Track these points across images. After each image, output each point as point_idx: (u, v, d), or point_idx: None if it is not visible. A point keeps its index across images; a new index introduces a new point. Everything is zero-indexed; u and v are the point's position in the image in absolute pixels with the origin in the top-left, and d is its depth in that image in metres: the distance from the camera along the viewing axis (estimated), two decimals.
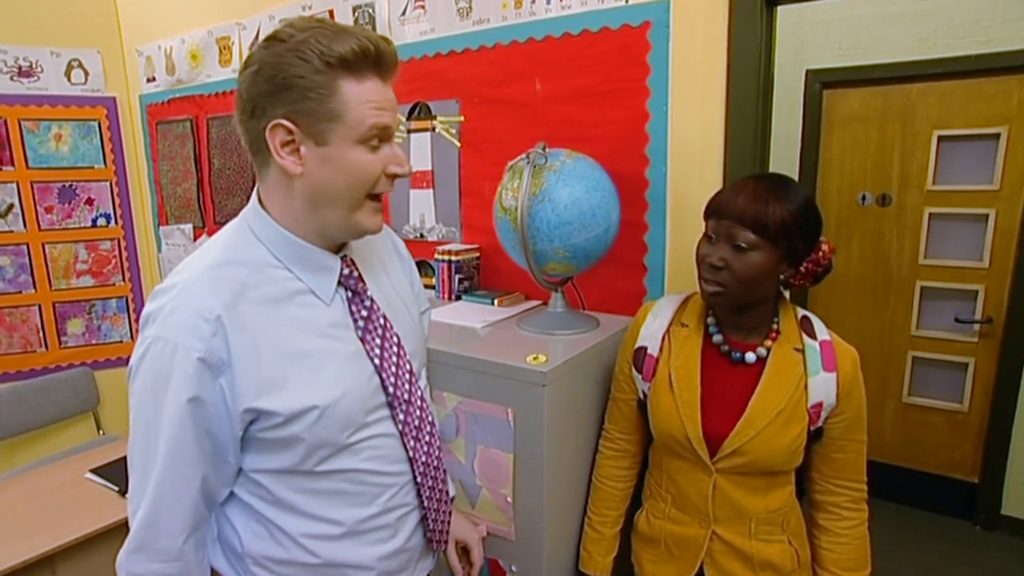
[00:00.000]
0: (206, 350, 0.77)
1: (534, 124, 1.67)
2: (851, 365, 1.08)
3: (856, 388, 1.08)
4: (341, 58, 0.75)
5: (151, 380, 0.79)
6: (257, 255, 0.85)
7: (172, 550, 0.84)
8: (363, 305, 0.92)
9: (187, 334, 0.77)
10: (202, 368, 0.78)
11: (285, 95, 0.76)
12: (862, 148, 2.79)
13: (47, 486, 1.88)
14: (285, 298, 0.85)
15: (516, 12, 1.66)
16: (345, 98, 0.76)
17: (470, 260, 1.78)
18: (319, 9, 2.05)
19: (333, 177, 0.80)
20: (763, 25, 1.37)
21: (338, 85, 0.76)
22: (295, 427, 0.83)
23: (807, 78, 2.84)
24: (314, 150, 0.78)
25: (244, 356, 0.80)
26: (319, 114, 0.76)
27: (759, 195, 1.00)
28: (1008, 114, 2.46)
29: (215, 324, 0.78)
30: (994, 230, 2.54)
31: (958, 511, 2.76)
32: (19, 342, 2.72)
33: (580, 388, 1.31)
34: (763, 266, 1.01)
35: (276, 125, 0.77)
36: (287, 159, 0.79)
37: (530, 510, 1.25)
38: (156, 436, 0.80)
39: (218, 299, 0.79)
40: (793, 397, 1.06)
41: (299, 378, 0.83)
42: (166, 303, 0.80)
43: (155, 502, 0.81)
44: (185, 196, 2.70)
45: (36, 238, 2.69)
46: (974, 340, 2.65)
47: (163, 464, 0.80)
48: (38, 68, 2.61)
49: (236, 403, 0.80)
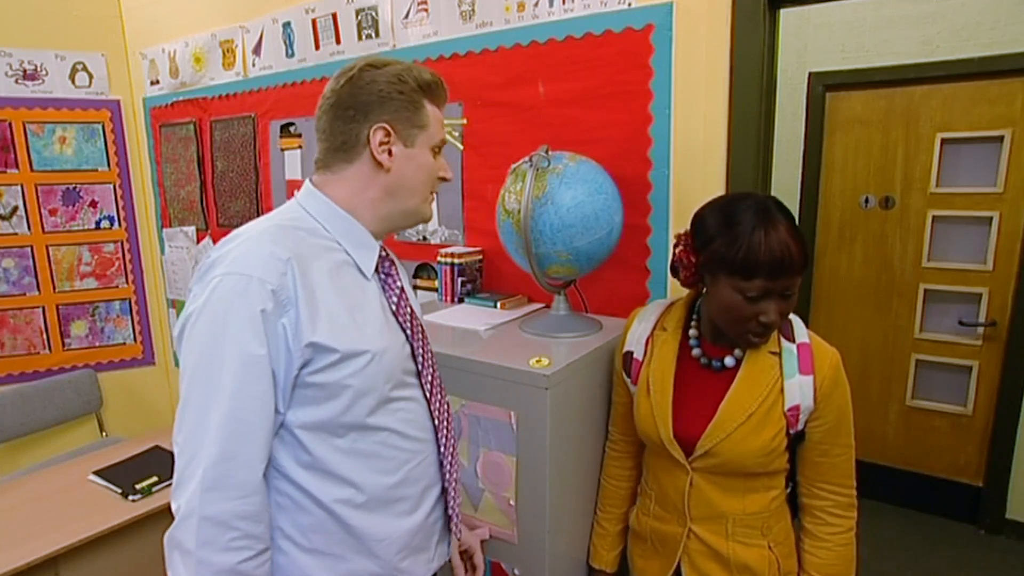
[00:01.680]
0: (279, 284, 0.84)
1: (537, 127, 1.67)
2: (830, 368, 1.05)
3: (837, 391, 1.06)
4: (427, 84, 0.98)
5: (222, 308, 0.82)
6: (311, 226, 0.95)
7: (252, 483, 0.83)
8: (394, 289, 1.03)
9: (261, 269, 0.83)
10: (274, 300, 0.83)
11: (388, 105, 0.94)
12: (865, 151, 2.78)
13: (50, 488, 1.88)
14: (336, 265, 0.94)
15: (519, 15, 1.66)
16: (428, 112, 0.98)
17: (473, 263, 1.78)
18: (323, 13, 2.06)
19: (415, 172, 0.99)
20: (766, 28, 1.37)
21: (424, 103, 0.98)
22: (346, 369, 0.89)
23: (810, 81, 2.84)
24: (403, 151, 0.97)
25: (308, 298, 0.86)
26: (412, 122, 0.96)
27: (784, 239, 0.96)
28: (1012, 116, 2.46)
29: (286, 264, 0.85)
30: (998, 233, 2.54)
31: (962, 515, 2.75)
32: (23, 344, 2.73)
33: (583, 391, 1.31)
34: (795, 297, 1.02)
35: (379, 127, 0.94)
36: (383, 156, 0.95)
37: (533, 513, 1.25)
38: (223, 364, 0.81)
39: (285, 248, 0.87)
40: (767, 400, 1.05)
41: (353, 325, 0.91)
42: (231, 250, 0.86)
43: (230, 433, 0.81)
44: (188, 199, 2.70)
45: (40, 240, 2.70)
46: (978, 343, 2.64)
47: (235, 390, 0.81)
48: (43, 71, 2.62)
49: (299, 339, 0.85)
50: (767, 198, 1.03)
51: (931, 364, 2.76)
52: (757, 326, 1.01)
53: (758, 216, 0.98)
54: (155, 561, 1.77)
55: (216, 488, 0.80)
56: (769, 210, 0.99)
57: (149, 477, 1.85)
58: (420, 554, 1.02)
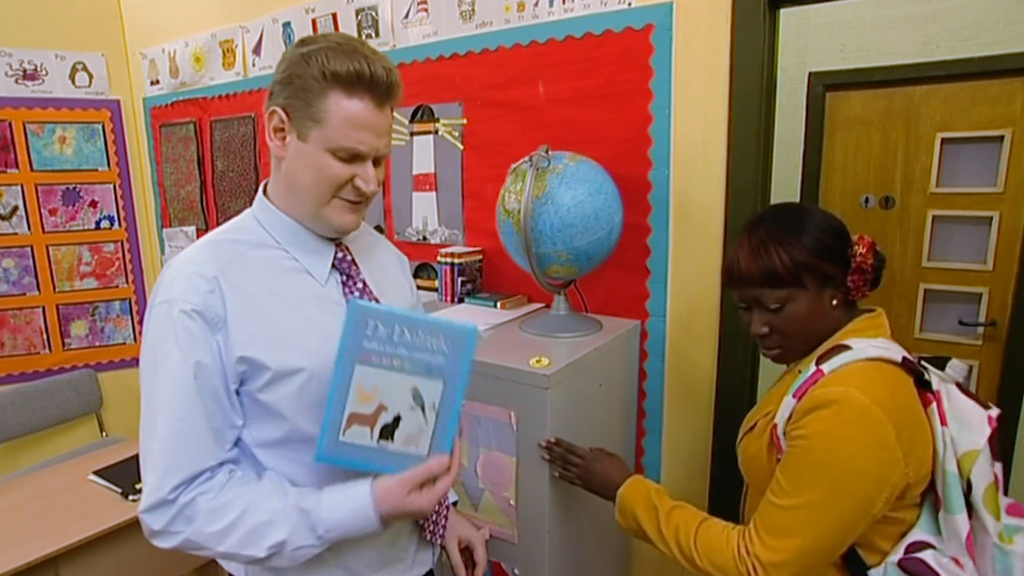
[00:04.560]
0: (203, 304, 0.82)
1: (537, 127, 1.67)
2: (816, 399, 0.87)
3: (808, 423, 0.86)
4: (334, 73, 0.83)
5: (153, 339, 0.83)
6: (257, 236, 0.92)
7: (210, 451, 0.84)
8: (355, 287, 0.96)
9: (185, 292, 0.82)
10: (200, 322, 0.82)
11: (286, 88, 0.86)
12: (865, 151, 2.78)
13: (50, 488, 1.88)
14: (280, 272, 0.90)
15: (519, 15, 1.66)
16: (329, 106, 0.84)
17: (473, 263, 1.78)
18: (322, 13, 2.06)
19: (304, 171, 0.87)
20: (766, 28, 1.37)
21: (327, 94, 0.84)
22: (283, 389, 0.85)
23: (810, 80, 2.83)
24: (295, 142, 0.87)
25: (239, 313, 0.84)
26: (306, 112, 0.85)
27: (757, 251, 0.95)
28: (1012, 116, 2.45)
29: (212, 282, 0.83)
30: (998, 233, 2.53)
31: None
32: (23, 344, 2.73)
33: (583, 391, 1.31)
34: (807, 311, 0.94)
35: (273, 111, 0.87)
36: (275, 141, 0.88)
37: (533, 513, 1.25)
38: (157, 393, 0.82)
39: (214, 264, 0.85)
40: (769, 415, 0.99)
41: (290, 340, 0.86)
42: (166, 276, 0.86)
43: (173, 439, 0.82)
44: (188, 198, 2.70)
45: (40, 240, 2.70)
46: (978, 343, 2.64)
47: (166, 416, 0.82)
48: (43, 71, 2.62)
49: (230, 354, 0.83)
50: (775, 209, 1.01)
51: None
52: (757, 340, 1.01)
53: (744, 228, 1.00)
54: (155, 561, 1.77)
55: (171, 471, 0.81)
56: (753, 222, 0.99)
57: None
58: (395, 564, 1.00)
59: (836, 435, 0.84)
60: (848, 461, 0.83)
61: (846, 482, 0.83)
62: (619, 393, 1.51)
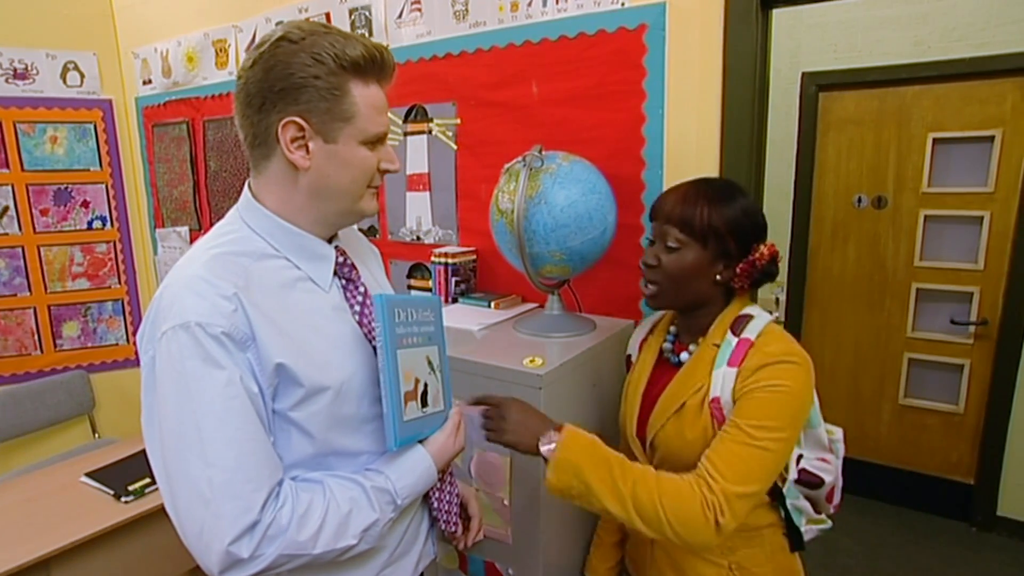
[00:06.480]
0: (230, 326, 0.77)
1: (530, 127, 1.67)
2: (761, 357, 0.98)
3: (761, 374, 0.96)
4: (353, 62, 0.80)
5: (176, 367, 0.75)
6: (256, 247, 0.86)
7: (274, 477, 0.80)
8: (357, 292, 0.94)
9: (210, 314, 0.76)
10: (230, 344, 0.77)
11: (299, 94, 0.79)
12: (857, 150, 2.80)
13: (42, 490, 1.87)
14: (288, 284, 0.87)
15: (512, 15, 1.66)
16: (355, 100, 0.82)
17: (467, 263, 1.78)
18: (315, 12, 2.05)
19: (339, 172, 0.85)
20: (759, 28, 1.38)
21: (349, 88, 0.81)
22: (314, 406, 0.84)
23: (803, 81, 2.85)
24: (322, 147, 0.83)
25: (264, 329, 0.80)
26: (333, 114, 0.81)
27: (688, 197, 1.04)
28: (1002, 117, 2.47)
29: (234, 300, 0.78)
30: (989, 232, 2.55)
31: (954, 513, 2.76)
32: (14, 345, 2.71)
33: (577, 391, 1.31)
34: (692, 265, 1.03)
35: (288, 122, 0.80)
36: (296, 154, 0.82)
37: (527, 513, 1.25)
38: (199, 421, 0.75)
39: (229, 281, 0.80)
40: (699, 392, 1.03)
41: (313, 358, 0.84)
42: (167, 297, 0.79)
43: (240, 462, 0.76)
44: (181, 199, 2.69)
45: (31, 241, 2.68)
46: (969, 342, 2.66)
47: (229, 438, 0.76)
48: (34, 70, 2.61)
49: (265, 365, 0.80)
50: (723, 180, 1.13)
51: (923, 363, 2.77)
52: (644, 269, 1.08)
53: (690, 180, 1.09)
54: (147, 563, 1.76)
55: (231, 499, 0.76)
56: (699, 179, 1.09)
57: (142, 479, 1.84)
58: (403, 559, 1.01)
59: (801, 380, 0.98)
60: (806, 401, 1.00)
61: (801, 417, 1.00)
62: (613, 393, 1.51)
